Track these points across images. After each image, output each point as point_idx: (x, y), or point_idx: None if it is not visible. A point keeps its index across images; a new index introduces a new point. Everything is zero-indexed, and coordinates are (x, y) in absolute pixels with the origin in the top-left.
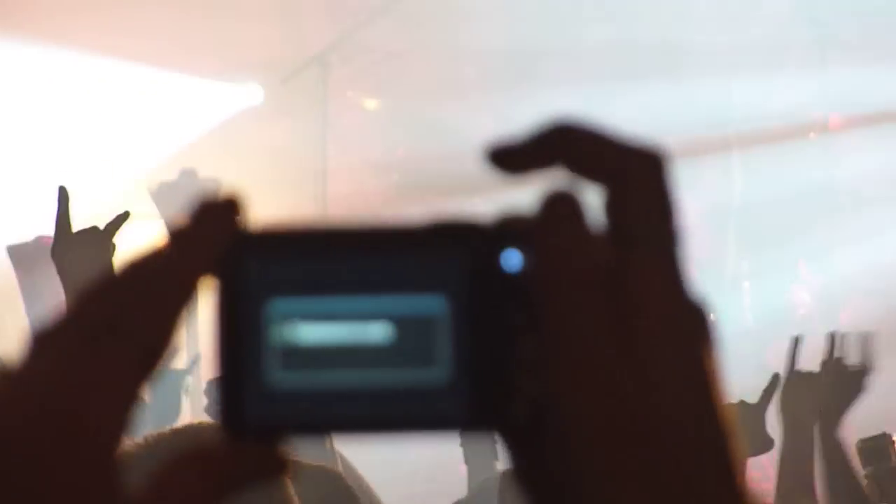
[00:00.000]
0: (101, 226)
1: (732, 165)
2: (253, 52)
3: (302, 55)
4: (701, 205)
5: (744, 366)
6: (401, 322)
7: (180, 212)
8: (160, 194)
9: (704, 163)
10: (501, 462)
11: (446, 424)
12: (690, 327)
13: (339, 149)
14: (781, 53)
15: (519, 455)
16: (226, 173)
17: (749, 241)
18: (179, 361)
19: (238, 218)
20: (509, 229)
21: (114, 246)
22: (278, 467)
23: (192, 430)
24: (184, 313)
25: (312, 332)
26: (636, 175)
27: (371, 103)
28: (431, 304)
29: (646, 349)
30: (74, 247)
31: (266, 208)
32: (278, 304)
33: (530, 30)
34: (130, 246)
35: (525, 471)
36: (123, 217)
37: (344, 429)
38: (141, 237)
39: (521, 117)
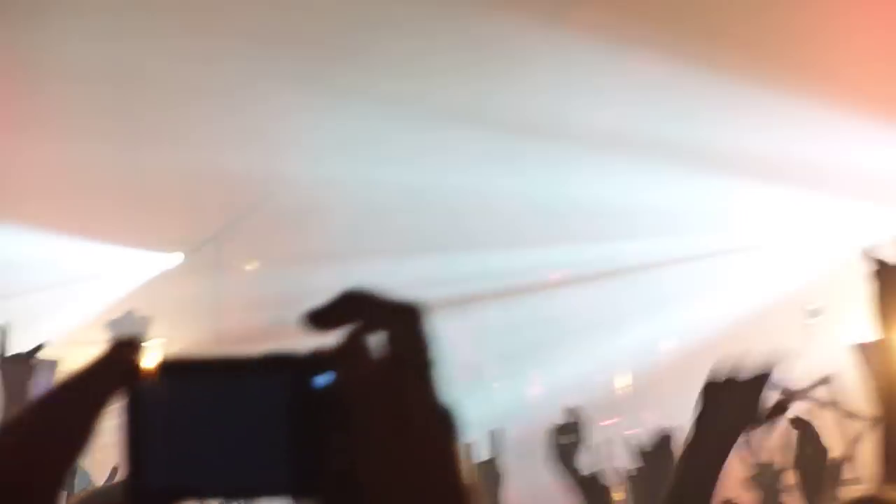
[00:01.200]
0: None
1: (490, 309)
2: (177, 231)
3: (206, 234)
4: (461, 331)
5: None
6: (250, 421)
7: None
8: (112, 326)
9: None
10: None
11: (284, 492)
12: (443, 423)
13: (234, 296)
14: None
15: None
16: (154, 312)
17: (500, 359)
18: None
19: (136, 353)
20: (321, 357)
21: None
22: None
23: (109, 491)
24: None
25: (186, 431)
26: (402, 323)
27: (249, 265)
28: (270, 411)
29: (412, 439)
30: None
31: (180, 340)
32: (163, 411)
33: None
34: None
35: None
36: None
37: (209, 494)
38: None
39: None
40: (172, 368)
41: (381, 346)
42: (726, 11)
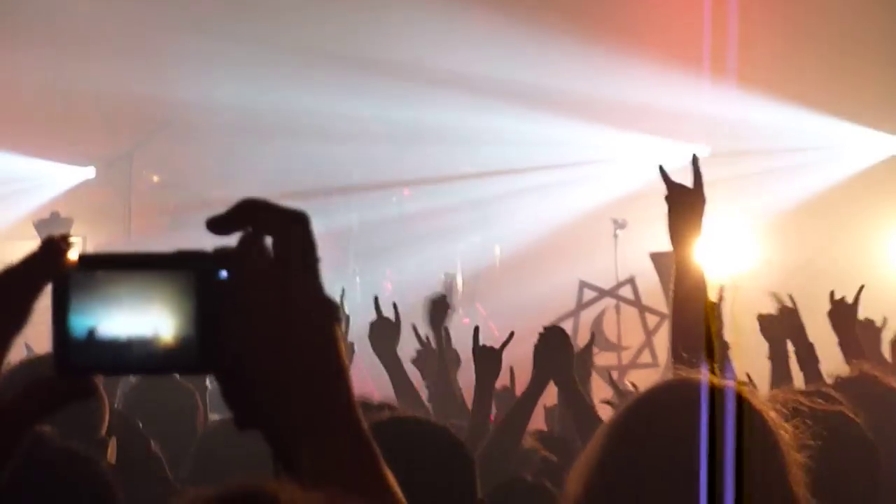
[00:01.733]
0: None
1: (352, 209)
2: (93, 150)
3: (119, 152)
4: (332, 234)
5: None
6: (162, 308)
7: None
8: (39, 226)
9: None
10: None
11: (187, 369)
12: (325, 310)
13: (138, 202)
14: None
15: (226, 386)
16: (75, 216)
17: (360, 256)
18: None
19: (64, 247)
20: (222, 254)
21: None
22: (87, 392)
23: (40, 362)
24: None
25: (108, 313)
26: (289, 227)
27: (156, 177)
28: (180, 298)
29: (296, 323)
30: None
31: (97, 240)
32: (86, 298)
33: None
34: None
35: (228, 394)
36: None
37: (125, 371)
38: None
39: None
40: (95, 262)
41: (271, 246)
42: None
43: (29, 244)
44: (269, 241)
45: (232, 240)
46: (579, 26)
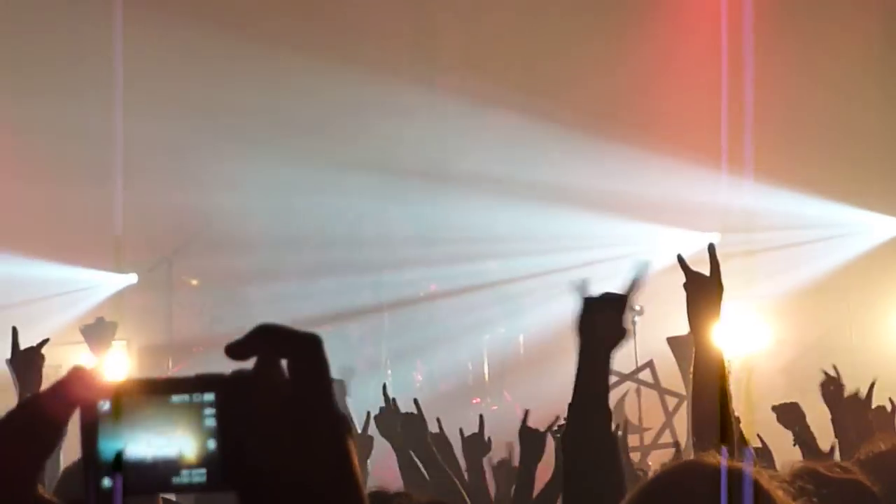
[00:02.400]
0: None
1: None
2: (132, 255)
3: (157, 256)
4: (368, 332)
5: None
6: (185, 429)
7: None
8: (86, 330)
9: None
10: None
11: (211, 487)
12: (338, 427)
13: (178, 304)
14: None
15: (247, 502)
16: (119, 319)
17: (391, 350)
18: None
19: (91, 376)
20: (240, 377)
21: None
22: None
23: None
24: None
25: (135, 436)
26: (301, 350)
27: (194, 281)
28: (202, 420)
29: (311, 441)
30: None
31: (140, 341)
32: (113, 423)
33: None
34: (68, 359)
35: None
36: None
37: (151, 490)
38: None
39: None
40: (122, 389)
41: (287, 369)
42: (564, 77)
43: (79, 347)
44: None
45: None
46: (601, 128)
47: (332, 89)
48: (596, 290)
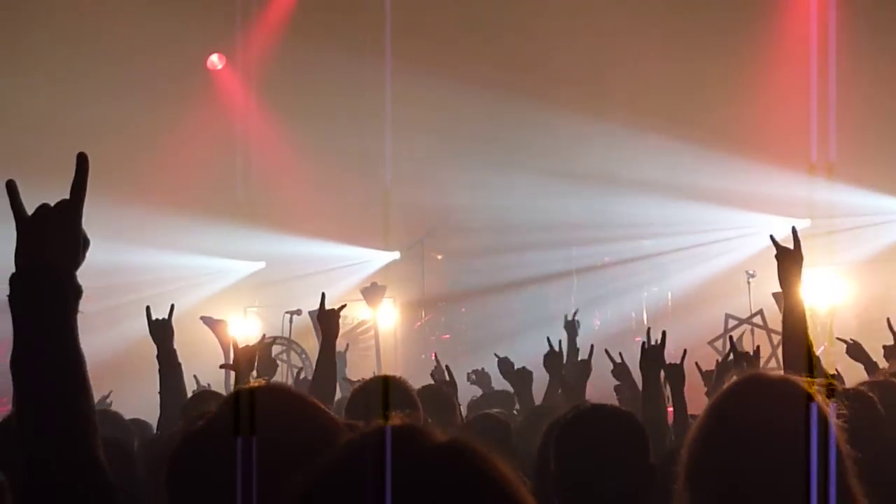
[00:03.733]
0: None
1: (573, 273)
2: (396, 238)
3: (413, 238)
4: (560, 290)
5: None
6: None
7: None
8: (365, 291)
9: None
10: None
11: None
12: None
13: (428, 274)
14: None
15: None
16: (387, 283)
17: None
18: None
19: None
20: None
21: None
22: None
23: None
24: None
25: None
26: None
27: (439, 256)
28: None
29: None
30: None
31: (402, 299)
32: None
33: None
34: (355, 313)
35: None
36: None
37: None
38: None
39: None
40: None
41: None
42: (695, 104)
43: (360, 304)
44: None
45: None
46: (719, 140)
47: (534, 117)
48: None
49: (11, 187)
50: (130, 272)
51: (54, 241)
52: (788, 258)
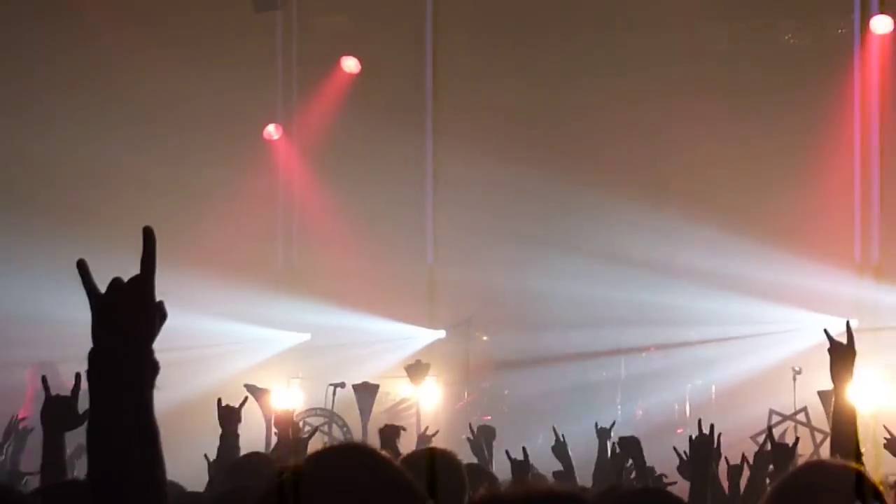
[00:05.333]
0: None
1: (621, 364)
2: (441, 320)
3: (459, 318)
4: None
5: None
6: None
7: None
8: (408, 368)
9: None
10: None
11: None
12: None
13: (475, 355)
14: None
15: None
16: (432, 361)
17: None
18: None
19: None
20: None
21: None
22: None
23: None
24: None
25: None
26: None
27: (485, 337)
28: None
29: None
30: None
31: (444, 378)
32: None
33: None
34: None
35: None
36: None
37: None
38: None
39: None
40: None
41: None
42: (752, 198)
43: (402, 381)
44: None
45: None
46: (772, 235)
47: (585, 201)
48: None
49: (82, 266)
50: (175, 337)
51: (130, 316)
52: (842, 353)
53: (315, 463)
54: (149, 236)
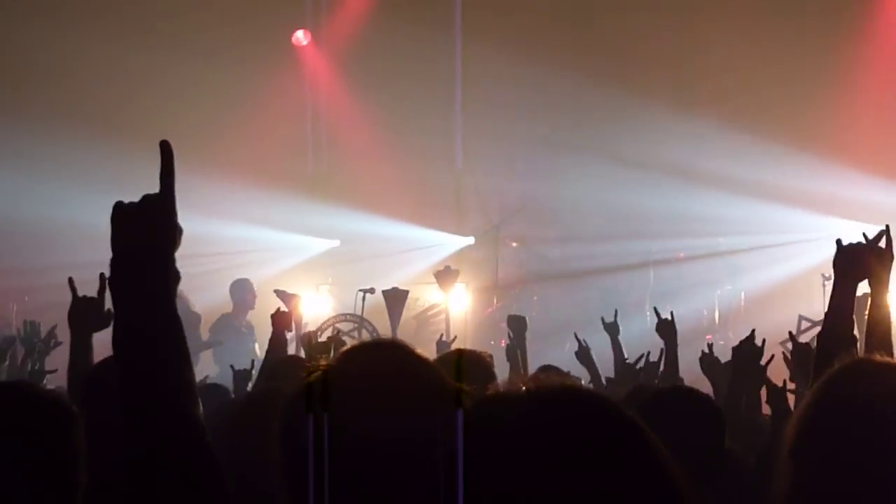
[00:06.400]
0: None
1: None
2: (470, 227)
3: (488, 224)
4: (639, 284)
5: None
6: None
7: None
8: (437, 274)
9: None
10: None
11: None
12: None
13: (502, 261)
14: None
15: None
16: (460, 268)
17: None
18: None
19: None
20: None
21: None
22: None
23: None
24: None
25: None
26: None
27: (514, 243)
28: None
29: None
30: None
31: (473, 283)
32: None
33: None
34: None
35: None
36: None
37: None
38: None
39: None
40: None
41: None
42: (781, 103)
43: (432, 287)
44: None
45: None
46: (804, 140)
47: (616, 104)
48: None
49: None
50: (203, 243)
51: (151, 226)
52: (882, 257)
53: (344, 359)
54: (166, 150)
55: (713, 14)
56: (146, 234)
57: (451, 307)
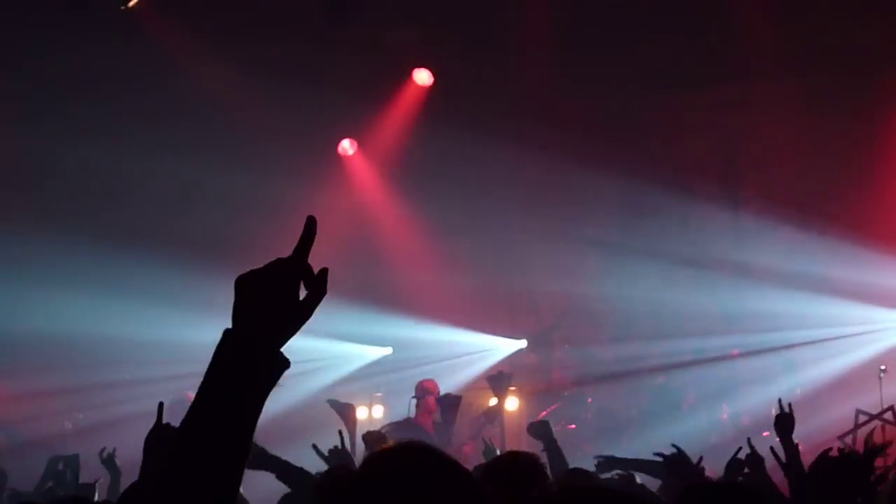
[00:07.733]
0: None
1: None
2: (523, 330)
3: (541, 327)
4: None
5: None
6: None
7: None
8: (490, 380)
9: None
10: None
11: None
12: None
13: (556, 363)
14: None
15: None
16: (514, 371)
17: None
18: None
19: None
20: None
21: None
22: None
23: None
24: None
25: None
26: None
27: (567, 345)
28: None
29: None
30: None
31: (526, 388)
32: None
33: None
34: (478, 401)
35: None
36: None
37: None
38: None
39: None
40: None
41: None
42: (834, 196)
43: (484, 392)
44: None
45: None
46: (855, 235)
47: (665, 206)
48: None
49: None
50: None
51: (280, 286)
52: None
53: (368, 463)
54: (310, 224)
55: (759, 106)
56: (273, 295)
57: (504, 411)
